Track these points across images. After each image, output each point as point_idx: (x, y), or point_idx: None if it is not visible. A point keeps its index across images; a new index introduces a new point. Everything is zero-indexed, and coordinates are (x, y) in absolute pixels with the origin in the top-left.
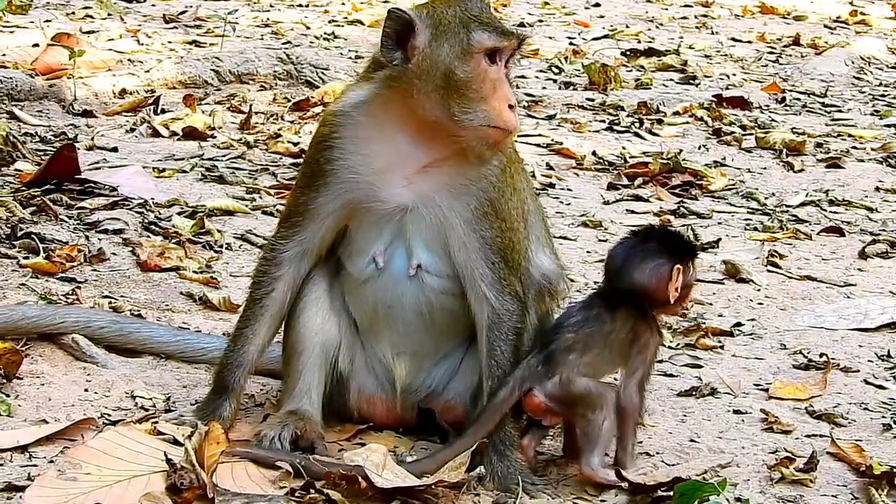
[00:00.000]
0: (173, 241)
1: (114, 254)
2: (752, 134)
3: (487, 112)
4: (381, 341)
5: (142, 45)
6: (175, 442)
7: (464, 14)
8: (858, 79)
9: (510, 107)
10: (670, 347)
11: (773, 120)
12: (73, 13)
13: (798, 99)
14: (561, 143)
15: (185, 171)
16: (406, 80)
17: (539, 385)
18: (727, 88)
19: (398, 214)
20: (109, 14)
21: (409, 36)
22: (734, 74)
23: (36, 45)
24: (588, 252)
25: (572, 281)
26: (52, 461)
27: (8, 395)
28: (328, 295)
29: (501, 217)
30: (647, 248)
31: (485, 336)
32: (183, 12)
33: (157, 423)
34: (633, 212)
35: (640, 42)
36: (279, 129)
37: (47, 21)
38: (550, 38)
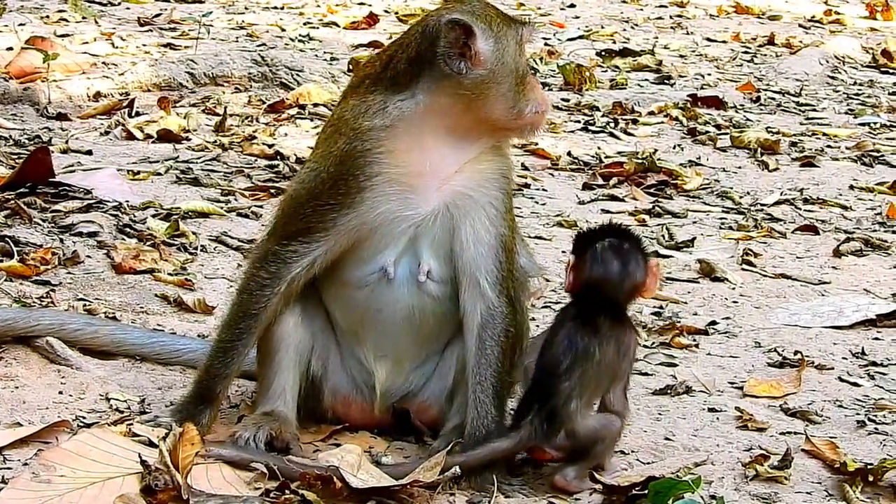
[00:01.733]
0: (148, 243)
1: (88, 256)
2: (727, 133)
3: (538, 99)
4: (364, 344)
5: (116, 48)
6: (150, 444)
7: (495, 12)
8: (833, 78)
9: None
10: (645, 346)
11: (747, 119)
12: (48, 16)
13: (773, 98)
14: (536, 144)
15: (159, 174)
16: (468, 87)
17: (547, 443)
18: (702, 88)
19: (421, 222)
20: (84, 17)
21: (470, 43)
22: (709, 74)
23: (10, 48)
24: (563, 252)
25: (547, 280)
26: (26, 464)
27: None
28: (302, 296)
29: (511, 215)
30: (627, 250)
31: (476, 335)
32: (157, 15)
33: (131, 424)
34: (608, 211)
35: (615, 42)
36: (254, 132)
37: (21, 24)
38: None
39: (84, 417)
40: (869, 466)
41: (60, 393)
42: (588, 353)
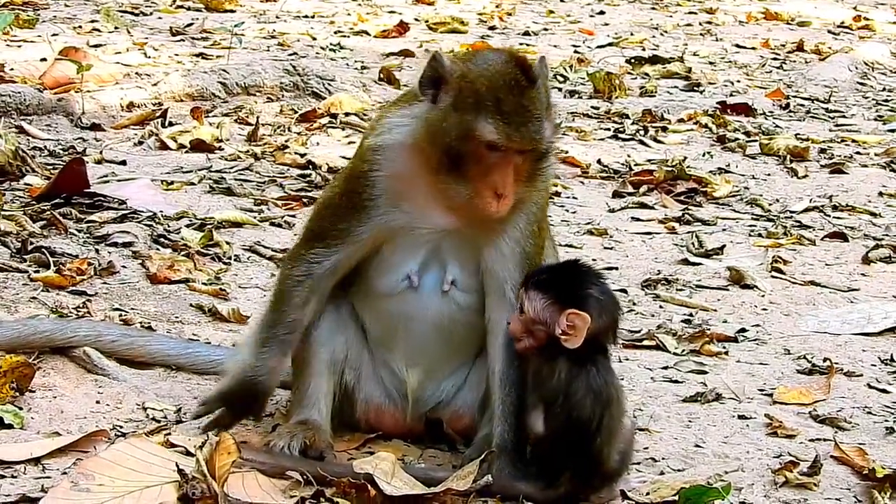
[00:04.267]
0: (182, 253)
1: (123, 266)
2: (756, 140)
3: (471, 191)
4: (396, 353)
5: (149, 57)
6: (187, 453)
7: (486, 91)
8: (862, 84)
9: (498, 194)
10: (675, 354)
11: (776, 126)
12: (80, 27)
13: (802, 105)
14: (566, 152)
15: (193, 184)
16: (431, 120)
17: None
18: (731, 95)
19: (439, 235)
20: (116, 27)
21: (441, 85)
22: (738, 81)
23: (44, 59)
24: (594, 260)
25: None
26: (65, 473)
27: (21, 408)
28: (335, 306)
29: (542, 235)
30: (609, 289)
31: (503, 345)
32: (189, 25)
33: (169, 434)
34: (638, 219)
35: (644, 49)
36: (286, 141)
37: (54, 35)
38: (555, 46)
39: (121, 427)
40: None
41: (98, 402)
42: (611, 399)
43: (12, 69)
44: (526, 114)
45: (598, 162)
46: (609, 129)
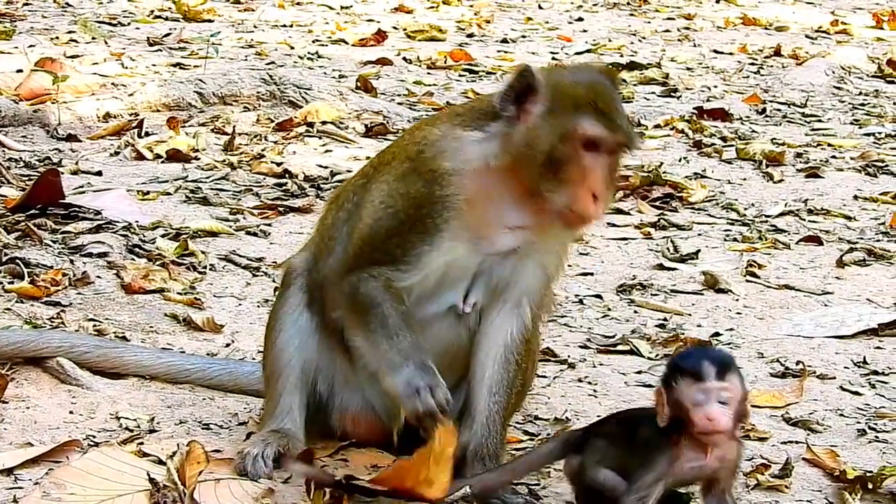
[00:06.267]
0: (157, 263)
1: (98, 277)
2: (732, 145)
3: (569, 196)
4: None
5: (126, 68)
6: (159, 462)
7: (583, 93)
8: (839, 88)
9: (595, 197)
10: (649, 358)
11: (753, 131)
12: (58, 38)
13: (778, 109)
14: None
15: (169, 194)
16: (516, 141)
17: None
18: (708, 100)
19: (482, 264)
20: (94, 38)
21: (529, 98)
22: (715, 86)
23: (20, 70)
24: (569, 266)
25: (554, 295)
26: (37, 483)
27: None
28: (308, 312)
29: (566, 256)
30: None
31: (501, 353)
32: (167, 35)
33: (141, 443)
34: (614, 225)
35: (622, 56)
36: (263, 150)
37: (31, 46)
38: (533, 53)
39: (94, 437)
40: (868, 474)
41: (71, 413)
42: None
43: None
44: (620, 111)
45: None
46: None
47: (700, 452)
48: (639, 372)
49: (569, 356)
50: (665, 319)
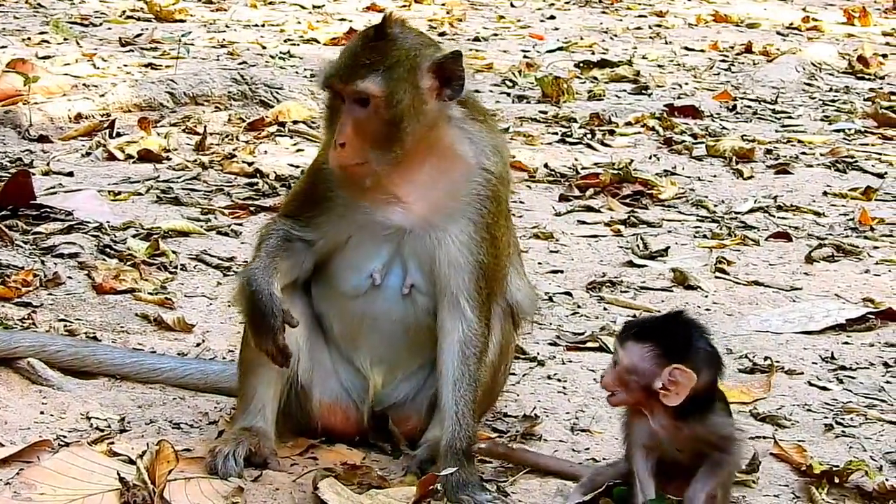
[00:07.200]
0: (128, 263)
1: (69, 277)
2: (702, 142)
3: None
4: (360, 350)
5: (98, 68)
6: (129, 461)
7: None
8: (809, 85)
9: (340, 144)
10: None
11: (723, 128)
12: (29, 38)
13: (749, 106)
14: (513, 157)
15: (140, 194)
16: None
17: None
18: (679, 98)
19: (397, 235)
20: (66, 38)
21: None
22: (686, 83)
23: None
24: (539, 264)
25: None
26: (7, 483)
27: None
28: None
29: (495, 244)
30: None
31: (457, 350)
32: (139, 35)
33: (112, 443)
34: (584, 222)
35: (593, 53)
36: (234, 150)
37: (2, 47)
38: (505, 51)
39: (65, 436)
40: (835, 468)
41: (42, 413)
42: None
43: None
44: (353, 58)
45: (545, 166)
46: (556, 133)
47: (641, 417)
48: None
49: (538, 353)
50: (634, 316)
